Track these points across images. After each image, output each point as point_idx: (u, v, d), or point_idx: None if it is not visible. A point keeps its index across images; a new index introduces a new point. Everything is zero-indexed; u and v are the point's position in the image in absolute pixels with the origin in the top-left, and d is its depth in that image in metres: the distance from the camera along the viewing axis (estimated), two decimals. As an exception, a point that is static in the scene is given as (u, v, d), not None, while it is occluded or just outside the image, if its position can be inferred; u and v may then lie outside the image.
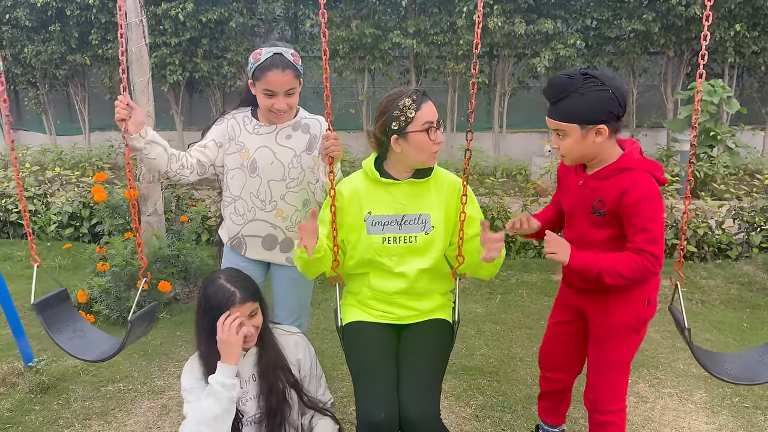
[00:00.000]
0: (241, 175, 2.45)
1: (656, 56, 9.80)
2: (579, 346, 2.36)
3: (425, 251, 2.19)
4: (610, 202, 2.02)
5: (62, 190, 6.49)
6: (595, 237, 2.10)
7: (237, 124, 2.49)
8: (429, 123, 2.08)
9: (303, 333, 2.65)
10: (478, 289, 4.58)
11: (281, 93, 2.32)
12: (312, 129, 2.49)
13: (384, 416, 1.97)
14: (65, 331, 2.42)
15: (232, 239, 2.56)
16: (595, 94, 1.94)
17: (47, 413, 2.99)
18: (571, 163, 2.13)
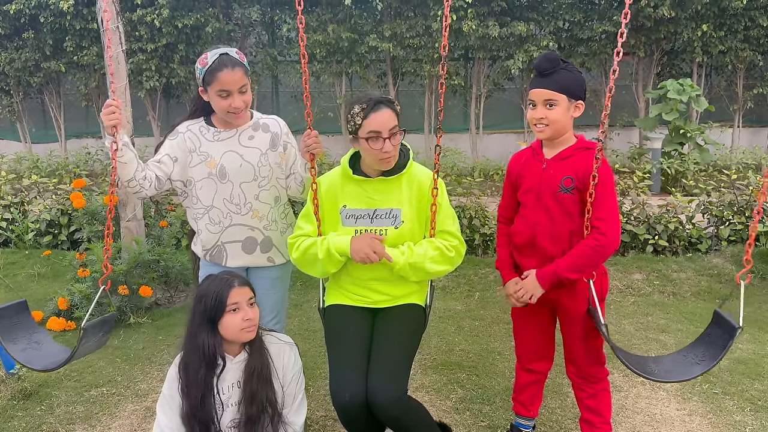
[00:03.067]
0: (210, 184, 2.44)
1: (627, 56, 10.01)
2: (549, 333, 2.52)
3: (396, 243, 2.30)
4: (579, 176, 2.21)
5: (39, 197, 6.45)
6: (565, 214, 2.26)
7: (194, 136, 2.46)
8: (373, 132, 2.17)
9: (281, 330, 2.70)
10: (457, 286, 4.66)
11: (235, 91, 2.34)
12: (272, 128, 2.54)
13: (348, 397, 2.10)
14: (20, 342, 2.37)
15: (210, 250, 2.53)
16: (577, 74, 2.23)
17: (30, 419, 2.99)
18: (550, 135, 2.25)
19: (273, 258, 2.58)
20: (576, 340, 2.38)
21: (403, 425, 2.20)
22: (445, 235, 2.33)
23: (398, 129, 2.21)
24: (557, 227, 2.27)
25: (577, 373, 2.44)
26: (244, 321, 2.15)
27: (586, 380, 2.43)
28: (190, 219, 2.57)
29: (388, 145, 2.19)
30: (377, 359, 2.20)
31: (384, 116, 2.18)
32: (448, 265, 2.33)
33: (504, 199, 2.52)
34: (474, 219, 5.40)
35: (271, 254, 2.58)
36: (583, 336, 2.36)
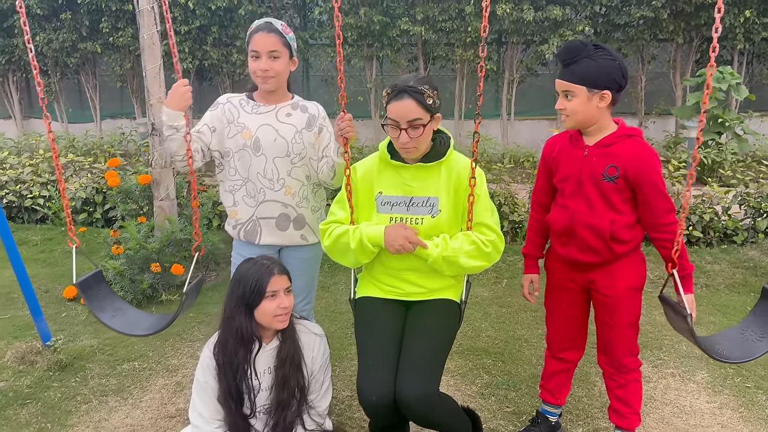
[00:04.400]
0: (246, 156, 2.49)
1: (665, 43, 9.75)
2: (582, 324, 2.49)
3: (431, 234, 2.22)
4: (623, 165, 2.16)
5: (75, 176, 6.59)
6: (607, 204, 2.21)
7: (234, 107, 2.53)
8: (392, 121, 2.14)
9: (310, 311, 2.73)
10: (485, 273, 4.64)
11: (264, 54, 2.40)
12: (310, 110, 2.58)
13: (376, 399, 2.06)
14: (107, 310, 2.50)
15: (245, 224, 2.56)
16: (604, 61, 2.12)
17: (65, 390, 3.08)
18: (572, 125, 2.23)
19: (306, 236, 2.60)
20: (611, 329, 2.34)
21: (430, 421, 2.18)
22: (483, 229, 2.22)
23: (420, 123, 2.11)
24: (598, 217, 2.22)
25: (609, 363, 2.41)
26: (279, 308, 2.17)
27: (617, 370, 2.40)
28: (225, 193, 2.59)
29: (404, 136, 2.13)
30: (408, 356, 2.14)
31: (403, 106, 2.10)
32: (484, 261, 2.22)
33: (538, 184, 2.48)
34: (503, 206, 5.36)
35: (304, 232, 2.60)
36: (619, 325, 2.32)
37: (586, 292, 2.40)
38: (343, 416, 2.82)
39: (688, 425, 2.75)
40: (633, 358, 2.39)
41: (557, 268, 2.43)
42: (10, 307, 4.15)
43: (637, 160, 2.15)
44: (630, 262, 2.27)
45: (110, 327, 2.42)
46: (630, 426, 2.45)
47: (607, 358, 2.42)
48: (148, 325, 2.46)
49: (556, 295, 2.47)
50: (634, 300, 2.31)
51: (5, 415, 2.87)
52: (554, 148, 2.38)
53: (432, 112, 2.15)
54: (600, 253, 2.25)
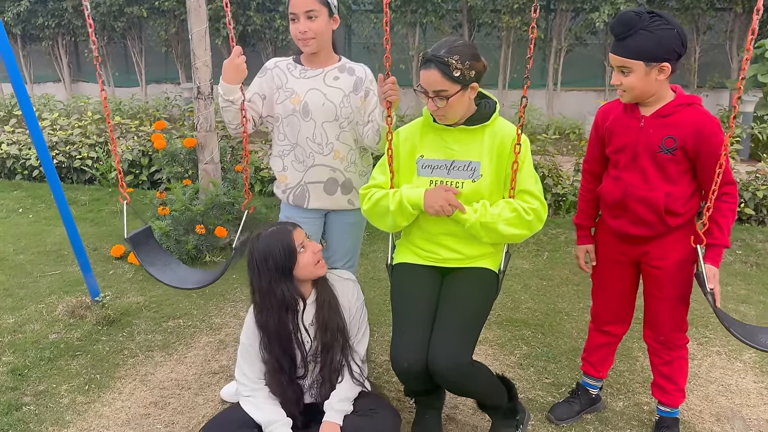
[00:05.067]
0: (295, 121, 2.49)
1: (723, 12, 9.32)
2: (631, 298, 2.43)
3: (471, 199, 2.18)
4: (682, 136, 2.07)
5: (122, 138, 6.73)
6: (663, 176, 2.13)
7: (282, 72, 2.53)
8: (421, 87, 2.12)
9: (354, 273, 2.75)
10: (525, 245, 4.58)
11: (302, 15, 2.37)
12: (357, 72, 2.55)
13: (407, 365, 2.07)
14: (156, 264, 2.58)
15: (294, 189, 2.57)
16: (662, 31, 1.99)
17: (113, 344, 3.19)
18: (630, 100, 2.14)
19: (353, 201, 2.60)
20: (660, 302, 2.27)
21: (464, 390, 2.19)
22: (525, 196, 2.16)
23: (445, 94, 2.06)
24: (653, 190, 2.14)
25: (655, 338, 2.35)
26: (315, 255, 2.21)
27: (663, 346, 2.34)
28: (274, 158, 2.61)
29: (431, 104, 2.11)
30: (441, 324, 2.12)
31: (429, 76, 2.07)
32: (525, 230, 2.16)
33: (589, 153, 2.40)
34: (547, 178, 5.27)
35: (351, 197, 2.60)
36: (668, 299, 2.25)
37: (636, 265, 2.34)
38: (381, 380, 2.85)
39: (733, 404, 2.69)
40: (681, 334, 2.33)
41: (607, 240, 2.37)
42: (61, 263, 4.29)
43: (698, 130, 2.05)
44: (683, 234, 2.18)
45: (160, 280, 2.49)
46: (673, 403, 2.41)
47: (653, 333, 2.36)
48: (197, 280, 2.53)
49: (605, 267, 2.41)
50: (686, 273, 2.22)
51: (57, 365, 2.99)
52: (607, 117, 2.28)
53: (462, 84, 2.07)
54: (653, 227, 2.19)
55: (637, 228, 2.22)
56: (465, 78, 2.06)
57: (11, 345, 3.16)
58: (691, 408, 2.66)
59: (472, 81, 2.10)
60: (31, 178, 6.44)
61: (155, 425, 2.55)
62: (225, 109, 2.43)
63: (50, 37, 11.41)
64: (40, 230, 5.01)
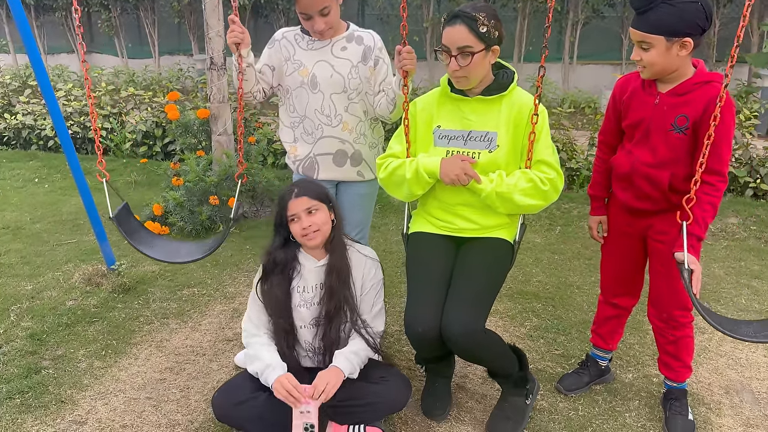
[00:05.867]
0: (303, 93, 2.49)
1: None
2: (639, 270, 2.42)
3: (487, 169, 2.18)
4: (694, 115, 2.02)
5: (136, 110, 6.75)
6: (671, 155, 2.10)
7: (289, 44, 2.51)
8: (442, 46, 2.10)
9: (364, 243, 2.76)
10: (537, 219, 4.58)
11: (316, 14, 2.35)
12: (365, 41, 2.53)
13: (421, 330, 2.10)
14: (143, 242, 2.54)
15: (303, 161, 2.59)
16: (684, 5, 1.92)
17: (129, 311, 3.25)
18: (650, 76, 2.09)
19: (362, 172, 2.61)
20: (664, 278, 2.26)
21: (475, 357, 2.21)
22: (542, 166, 2.16)
23: (470, 50, 2.04)
24: (659, 169, 2.12)
25: (658, 316, 2.33)
26: (302, 230, 2.22)
27: (667, 324, 2.32)
28: (284, 129, 2.62)
29: (453, 64, 2.08)
30: (456, 291, 2.14)
31: (454, 32, 2.05)
32: (541, 200, 2.16)
33: (606, 125, 2.37)
34: (561, 151, 5.23)
35: (361, 168, 2.61)
36: (672, 274, 2.21)
37: (643, 239, 2.33)
38: (392, 349, 2.89)
39: (742, 377, 2.70)
40: (685, 312, 2.29)
41: (615, 212, 2.38)
42: (77, 232, 4.35)
43: (707, 108, 1.99)
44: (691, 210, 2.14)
45: (152, 256, 2.47)
46: (679, 378, 2.41)
47: (656, 311, 2.33)
48: (189, 251, 2.53)
49: (613, 239, 2.42)
50: (694, 250, 2.14)
51: (75, 330, 3.05)
52: (626, 89, 2.23)
53: (487, 42, 2.07)
54: (657, 203, 2.18)
55: (641, 202, 2.21)
56: (490, 36, 2.07)
57: (29, 311, 3.22)
58: (700, 381, 2.67)
59: (495, 43, 2.10)
60: (46, 148, 6.49)
61: (170, 389, 2.60)
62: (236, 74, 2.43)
63: (63, 7, 11.40)
64: (56, 200, 5.07)
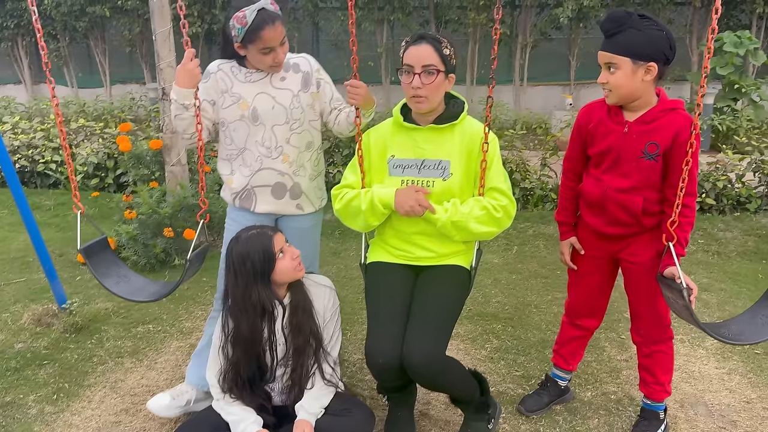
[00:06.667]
0: (243, 126, 2.41)
1: (682, 7, 9.54)
2: (606, 292, 2.47)
3: (442, 197, 2.22)
4: (664, 142, 2.08)
5: (87, 141, 6.61)
6: (644, 181, 2.16)
7: (226, 76, 2.42)
8: (407, 66, 2.13)
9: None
10: (495, 240, 4.64)
11: (277, 45, 2.30)
12: (302, 67, 2.48)
13: (382, 361, 2.09)
14: (111, 276, 2.50)
15: (240, 193, 2.49)
16: (651, 32, 2.01)
17: (82, 351, 3.15)
18: (616, 101, 2.14)
19: (302, 206, 2.54)
20: (639, 296, 2.31)
21: (437, 385, 2.21)
22: (495, 193, 2.20)
23: (435, 68, 2.10)
24: (631, 194, 2.17)
25: (637, 332, 2.39)
26: (294, 260, 2.21)
27: (645, 339, 2.37)
28: (222, 161, 2.53)
29: (416, 80, 2.10)
30: (415, 320, 2.14)
31: (420, 50, 2.10)
32: (495, 227, 2.20)
33: (571, 152, 2.39)
34: (515, 173, 5.34)
35: (300, 201, 2.53)
36: (647, 293, 2.27)
37: (614, 260, 2.37)
38: (354, 378, 2.87)
39: (696, 390, 2.77)
40: (661, 328, 2.33)
41: (585, 236, 2.40)
42: (26, 270, 4.21)
43: (678, 135, 2.06)
44: (659, 230, 2.19)
45: (114, 292, 2.41)
46: (653, 396, 2.43)
47: (635, 327, 2.39)
48: (152, 291, 2.45)
49: (582, 262, 2.44)
50: None
51: (24, 375, 2.93)
52: (591, 118, 2.27)
53: (447, 66, 2.14)
54: (630, 227, 2.23)
55: (613, 228, 2.25)
56: (450, 61, 2.14)
57: (-24, 356, 3.09)
58: (657, 395, 2.73)
59: (452, 70, 2.17)
60: (-8, 183, 6.29)
61: (127, 432, 2.52)
62: (179, 117, 2.32)
63: (9, 38, 11.14)
64: (3, 237, 4.91)
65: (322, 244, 4.69)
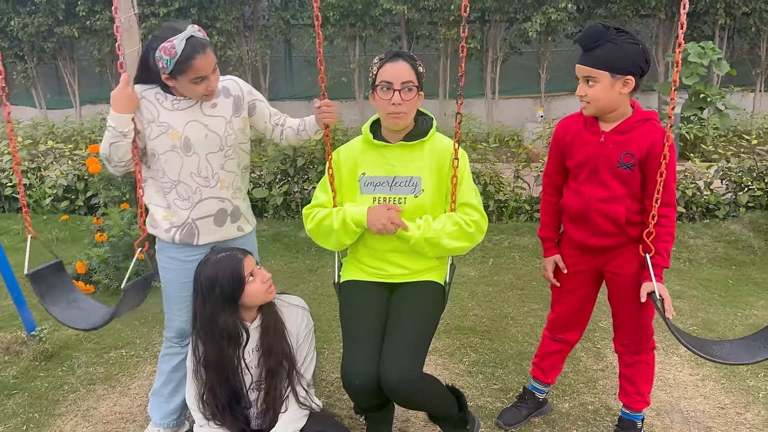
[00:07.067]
0: (175, 157, 2.25)
1: (648, 19, 9.76)
2: (589, 307, 2.48)
3: (414, 214, 2.22)
4: (640, 152, 2.12)
5: (56, 163, 6.50)
6: (623, 190, 2.19)
7: (151, 104, 2.24)
8: (385, 82, 2.13)
9: None
10: (471, 252, 4.65)
11: (210, 73, 2.18)
12: (232, 91, 2.36)
13: (359, 382, 2.07)
14: (60, 302, 2.40)
15: (181, 227, 2.31)
16: (628, 45, 2.06)
17: (52, 379, 3.07)
18: (593, 112, 2.17)
19: (242, 227, 2.44)
20: (623, 308, 2.33)
21: (414, 403, 2.20)
22: (466, 209, 2.22)
23: (414, 84, 2.13)
24: (614, 204, 2.19)
25: (620, 342, 2.41)
26: (264, 283, 2.18)
27: (627, 349, 2.39)
28: (152, 195, 2.34)
29: (396, 97, 2.11)
30: (391, 339, 2.13)
31: (398, 67, 2.12)
32: (468, 242, 2.22)
33: (550, 166, 2.41)
34: (489, 185, 5.37)
35: (240, 223, 2.43)
36: (631, 305, 2.29)
37: (599, 274, 2.38)
38: (332, 398, 2.84)
39: (671, 397, 2.79)
40: (644, 338, 2.35)
41: (570, 252, 2.40)
42: (-6, 297, 4.10)
43: (653, 145, 2.10)
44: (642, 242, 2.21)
45: (57, 319, 2.34)
46: (633, 406, 2.45)
47: (618, 337, 2.41)
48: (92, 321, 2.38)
49: (567, 278, 2.44)
50: None
51: (-8, 405, 2.85)
52: (568, 131, 2.30)
53: (419, 84, 2.17)
54: (614, 237, 2.24)
55: (598, 239, 2.26)
56: (422, 78, 2.18)
57: (-59, 387, 3.00)
58: (633, 404, 2.75)
59: (422, 88, 2.20)
60: (-42, 208, 6.14)
61: (99, 462, 2.46)
62: (115, 145, 2.17)
63: (-26, 59, 10.96)
64: (-31, 263, 4.78)
65: (298, 261, 4.68)
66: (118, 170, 2.27)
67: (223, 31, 9.64)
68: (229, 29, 9.71)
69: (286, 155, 5.55)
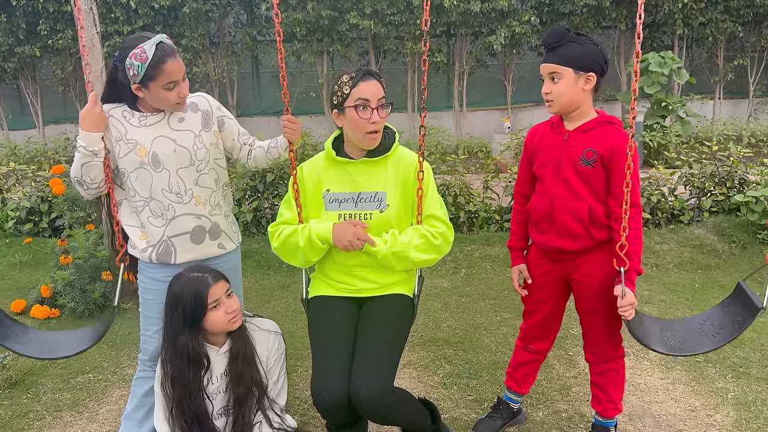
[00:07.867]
0: (145, 174, 2.23)
1: (609, 30, 10.00)
2: (559, 316, 2.50)
3: (381, 229, 2.22)
4: (601, 150, 2.18)
5: (18, 185, 6.36)
6: (586, 187, 2.23)
7: (117, 122, 2.22)
8: (362, 100, 2.13)
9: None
10: (443, 263, 4.67)
11: (180, 79, 2.17)
12: (201, 106, 2.34)
13: (329, 400, 2.04)
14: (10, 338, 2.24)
15: (157, 246, 2.28)
16: (588, 45, 2.18)
17: (17, 407, 2.98)
18: (557, 110, 2.24)
19: (224, 244, 2.40)
20: (591, 317, 2.35)
21: (387, 418, 2.18)
22: (432, 221, 2.23)
23: (386, 102, 2.16)
24: (577, 201, 2.22)
25: (590, 350, 2.42)
26: (228, 314, 2.14)
27: (597, 357, 2.40)
28: (127, 216, 2.32)
29: (376, 116, 2.13)
30: (362, 353, 2.11)
31: (372, 86, 2.13)
32: (435, 254, 2.22)
33: (520, 175, 2.46)
34: (459, 197, 5.41)
35: (221, 240, 2.39)
36: (598, 314, 2.31)
37: (566, 283, 2.40)
38: (307, 416, 2.81)
39: (643, 402, 2.83)
40: (612, 347, 2.37)
41: (537, 261, 2.42)
42: (-46, 324, 3.97)
43: (614, 146, 2.16)
44: (609, 250, 2.22)
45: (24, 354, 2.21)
46: (605, 413, 2.46)
47: (588, 346, 2.43)
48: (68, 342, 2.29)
49: (536, 288, 2.45)
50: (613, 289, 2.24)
51: (-48, 437, 2.75)
52: (536, 136, 2.39)
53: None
54: (580, 239, 2.25)
55: (564, 241, 2.28)
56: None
57: None
58: (606, 410, 2.77)
59: None
60: None
61: (66, 491, 2.39)
62: (87, 165, 2.14)
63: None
64: (-72, 290, 4.63)
65: (269, 278, 4.64)
66: (90, 193, 2.23)
67: (189, 48, 9.58)
68: (194, 46, 9.66)
69: (255, 171, 5.51)
